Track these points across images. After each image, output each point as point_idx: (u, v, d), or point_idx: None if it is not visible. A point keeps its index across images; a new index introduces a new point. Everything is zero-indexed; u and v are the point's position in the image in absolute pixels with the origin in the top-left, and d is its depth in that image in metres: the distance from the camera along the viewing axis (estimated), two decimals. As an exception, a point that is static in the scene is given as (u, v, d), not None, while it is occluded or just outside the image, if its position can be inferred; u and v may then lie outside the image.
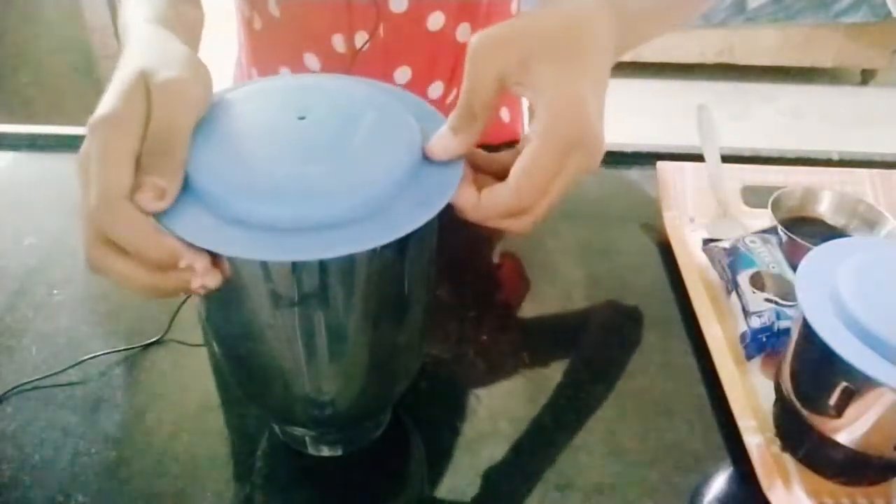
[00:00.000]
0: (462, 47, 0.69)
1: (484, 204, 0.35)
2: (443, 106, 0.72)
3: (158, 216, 0.30)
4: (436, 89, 0.71)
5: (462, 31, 0.67)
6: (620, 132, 0.68)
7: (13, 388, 0.48)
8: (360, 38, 0.65)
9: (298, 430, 0.44)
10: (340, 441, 0.45)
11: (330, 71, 0.68)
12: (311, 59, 0.67)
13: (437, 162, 0.35)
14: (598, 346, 0.54)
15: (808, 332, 0.40)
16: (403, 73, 0.68)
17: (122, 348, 0.51)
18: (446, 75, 0.70)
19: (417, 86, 0.69)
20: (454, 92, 0.72)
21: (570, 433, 0.47)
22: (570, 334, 0.55)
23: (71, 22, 1.79)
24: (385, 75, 0.68)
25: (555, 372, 0.51)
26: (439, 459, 0.45)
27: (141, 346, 0.52)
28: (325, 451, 0.45)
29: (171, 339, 0.52)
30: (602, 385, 0.50)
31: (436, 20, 0.65)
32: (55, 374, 0.49)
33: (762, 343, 0.50)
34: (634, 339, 0.54)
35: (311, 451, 0.45)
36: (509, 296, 0.59)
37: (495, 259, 0.63)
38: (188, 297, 0.55)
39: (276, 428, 0.46)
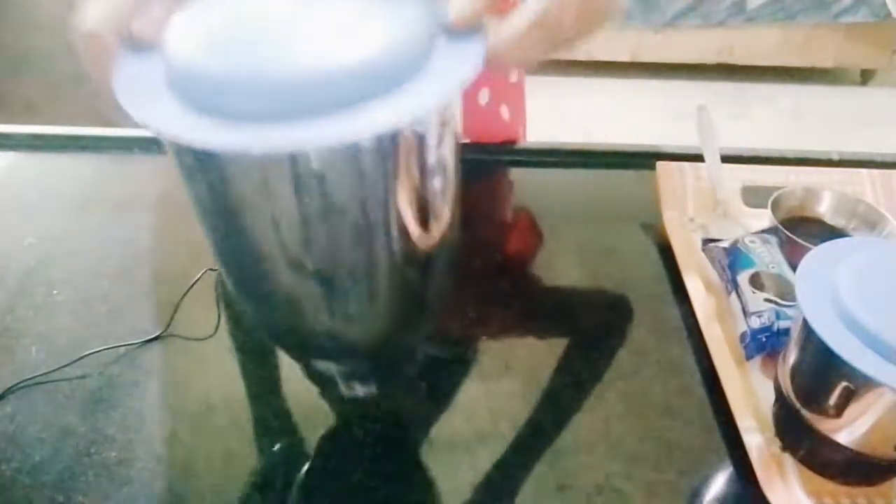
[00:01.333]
0: None
1: (513, 23, 0.32)
2: None
3: (136, 114, 0.27)
4: None
5: None
6: (620, 132, 0.68)
7: (13, 387, 0.48)
8: None
9: (326, 366, 0.41)
10: (373, 376, 0.41)
11: None
12: None
13: (457, 35, 0.31)
14: (597, 346, 0.54)
15: (808, 332, 0.40)
16: None
17: (123, 344, 0.51)
18: None
19: None
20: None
21: (569, 433, 0.47)
22: (569, 334, 0.55)
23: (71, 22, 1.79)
24: None
25: (555, 372, 0.51)
26: (439, 459, 0.45)
27: (141, 341, 0.52)
28: (359, 390, 0.41)
29: (172, 334, 0.52)
30: (602, 385, 0.50)
31: None
32: (55, 370, 0.49)
33: (762, 343, 0.50)
34: (634, 339, 0.54)
35: (343, 390, 0.41)
36: (509, 295, 0.59)
37: (495, 259, 0.63)
38: (186, 294, 0.55)
39: (305, 372, 0.43)
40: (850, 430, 0.40)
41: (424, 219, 0.34)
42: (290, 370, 0.51)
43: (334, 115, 0.27)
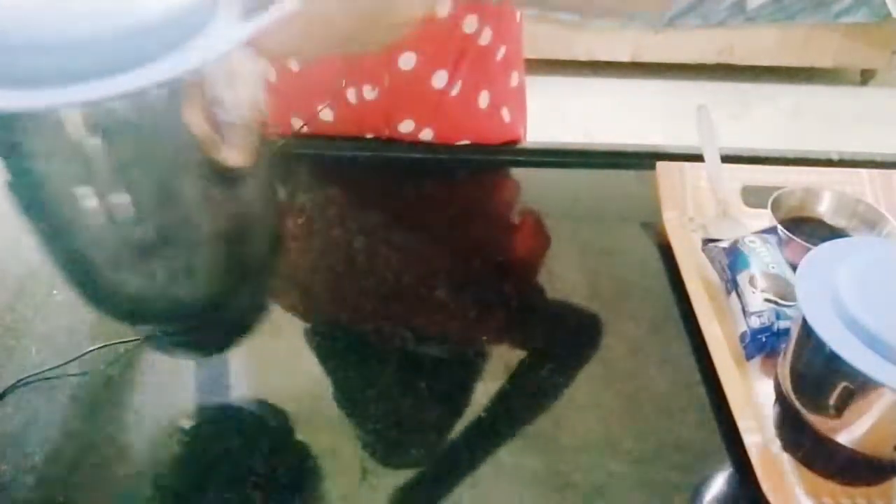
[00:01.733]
0: (469, 38, 0.69)
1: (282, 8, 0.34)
2: (446, 96, 0.72)
3: None
4: (440, 79, 0.71)
5: (469, 23, 0.67)
6: (620, 132, 0.69)
7: (13, 386, 0.48)
8: None
9: (135, 327, 0.41)
10: (190, 344, 0.41)
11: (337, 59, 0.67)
12: None
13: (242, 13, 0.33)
14: (598, 346, 0.54)
15: (807, 332, 0.40)
16: (408, 59, 0.68)
17: (123, 340, 0.51)
18: (451, 65, 0.70)
19: (422, 73, 0.70)
20: (458, 83, 0.72)
21: (569, 433, 0.47)
22: (569, 334, 0.55)
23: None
24: (390, 59, 0.68)
25: (555, 372, 0.51)
26: (440, 459, 0.45)
27: (143, 338, 0.52)
28: (179, 355, 0.41)
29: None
30: (602, 385, 0.50)
31: (443, 7, 0.65)
32: (55, 368, 0.49)
33: (762, 343, 0.50)
34: (634, 339, 0.54)
35: (162, 351, 0.41)
36: (509, 296, 0.59)
37: (496, 259, 0.63)
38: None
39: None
40: (850, 430, 0.40)
41: (222, 181, 0.35)
42: (290, 368, 0.51)
43: (104, 77, 0.28)
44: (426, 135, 0.74)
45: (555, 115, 2.51)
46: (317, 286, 0.59)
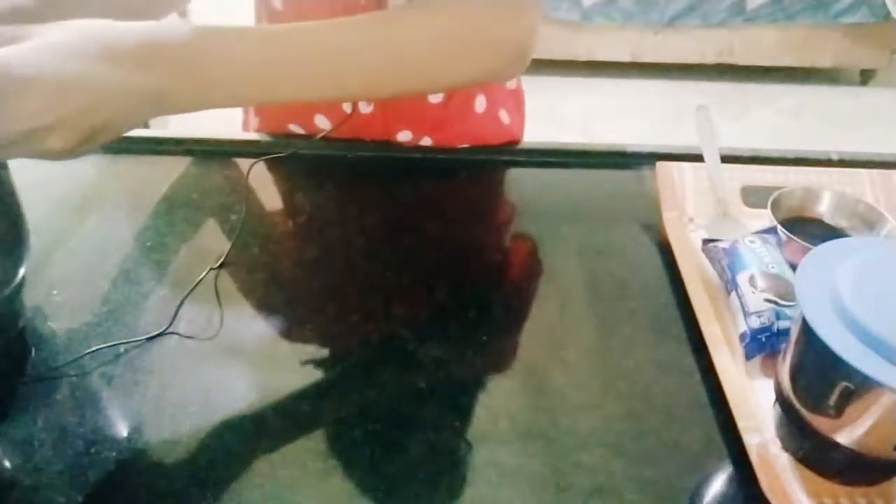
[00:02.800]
0: None
1: None
2: (445, 113, 0.72)
3: None
4: (436, 94, 0.71)
5: None
6: (620, 132, 0.69)
7: (13, 385, 0.48)
8: None
9: None
10: None
11: None
12: None
13: None
14: (597, 345, 0.54)
15: (807, 332, 0.40)
16: None
17: (124, 341, 0.51)
18: None
19: None
20: (454, 100, 0.72)
21: (569, 433, 0.47)
22: (569, 334, 0.55)
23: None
24: None
25: (555, 372, 0.51)
26: (440, 459, 0.45)
27: (143, 338, 0.52)
28: None
29: (174, 332, 0.53)
30: (602, 385, 0.50)
31: None
32: (55, 368, 0.49)
33: (762, 343, 0.50)
34: (634, 339, 0.54)
35: None
36: (509, 296, 0.59)
37: (496, 259, 0.63)
38: (189, 293, 0.55)
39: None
40: (850, 430, 0.40)
41: None
42: (291, 369, 0.51)
43: None
44: (425, 142, 0.74)
45: (555, 115, 2.52)
46: (317, 286, 0.59)
